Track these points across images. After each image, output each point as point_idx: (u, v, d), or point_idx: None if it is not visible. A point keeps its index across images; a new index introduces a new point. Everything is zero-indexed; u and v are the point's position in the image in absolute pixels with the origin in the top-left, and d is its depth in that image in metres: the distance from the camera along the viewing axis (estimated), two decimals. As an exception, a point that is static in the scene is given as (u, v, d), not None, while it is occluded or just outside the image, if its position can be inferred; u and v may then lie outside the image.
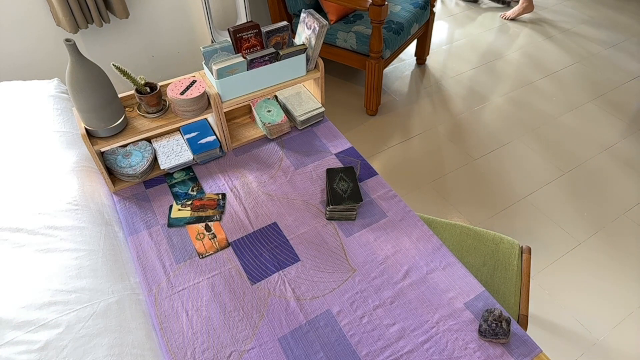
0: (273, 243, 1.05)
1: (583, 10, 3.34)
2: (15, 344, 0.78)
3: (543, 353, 0.86)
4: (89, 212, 1.05)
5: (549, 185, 2.07)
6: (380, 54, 2.21)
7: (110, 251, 1.00)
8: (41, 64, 2.08)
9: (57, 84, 1.45)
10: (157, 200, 1.15)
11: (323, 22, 1.17)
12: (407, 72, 2.81)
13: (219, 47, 1.17)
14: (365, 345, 0.88)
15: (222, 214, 1.12)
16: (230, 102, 1.19)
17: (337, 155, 1.26)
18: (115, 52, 2.24)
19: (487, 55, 2.93)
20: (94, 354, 0.80)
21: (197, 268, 1.01)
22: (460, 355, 0.86)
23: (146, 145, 1.21)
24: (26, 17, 1.94)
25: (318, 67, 1.27)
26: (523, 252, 1.26)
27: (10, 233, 0.94)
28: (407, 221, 1.09)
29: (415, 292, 0.96)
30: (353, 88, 2.68)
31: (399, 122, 2.43)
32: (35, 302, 0.84)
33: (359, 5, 2.07)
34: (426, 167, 2.17)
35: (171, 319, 0.92)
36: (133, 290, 0.95)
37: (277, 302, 0.95)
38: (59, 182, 1.08)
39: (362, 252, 1.03)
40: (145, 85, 1.13)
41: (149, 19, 2.23)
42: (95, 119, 1.05)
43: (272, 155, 1.27)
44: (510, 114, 2.46)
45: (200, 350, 0.87)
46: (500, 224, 1.91)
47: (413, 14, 2.40)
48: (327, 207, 1.09)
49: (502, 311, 0.89)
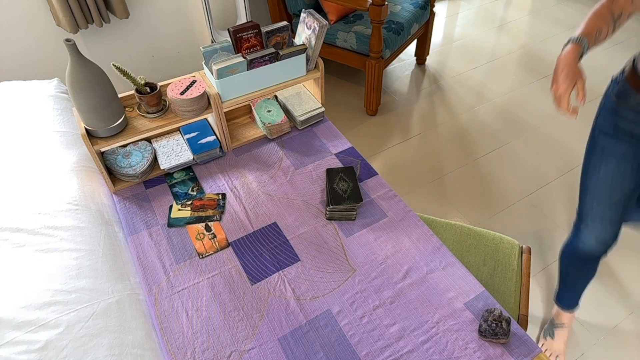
0: (273, 243, 1.05)
1: (583, 10, 3.34)
2: (15, 344, 0.78)
3: (543, 353, 0.86)
4: (89, 212, 1.05)
5: (549, 185, 2.07)
6: (380, 54, 2.21)
7: (110, 251, 1.00)
8: (41, 64, 2.08)
9: (57, 84, 1.45)
10: (157, 200, 1.15)
11: (323, 22, 1.17)
12: (407, 72, 2.81)
13: (219, 47, 1.17)
14: (365, 345, 0.88)
15: (222, 214, 1.12)
16: (230, 102, 1.19)
17: (337, 155, 1.26)
18: (115, 52, 2.24)
19: (487, 55, 2.93)
20: (94, 354, 0.80)
21: (197, 268, 1.01)
22: (460, 355, 0.86)
23: (146, 145, 1.21)
24: (26, 17, 1.94)
25: (318, 67, 1.27)
26: (523, 252, 1.26)
27: (10, 233, 0.94)
28: (407, 221, 1.09)
29: (415, 292, 0.96)
30: (353, 88, 2.68)
31: (399, 122, 2.43)
32: (35, 302, 0.84)
33: (359, 5, 2.07)
34: (426, 167, 2.17)
35: (171, 319, 0.92)
36: (133, 290, 0.95)
37: (277, 302, 0.95)
38: (59, 182, 1.08)
39: (362, 252, 1.03)
40: (145, 85, 1.13)
41: (149, 19, 2.23)
42: (95, 119, 1.05)
43: (272, 155, 1.27)
44: (510, 114, 2.46)
45: (200, 350, 0.87)
46: (500, 224, 1.91)
47: (413, 14, 2.40)
48: (327, 207, 1.09)
49: (502, 311, 0.89)
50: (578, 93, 0.96)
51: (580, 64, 1.00)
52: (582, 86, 0.96)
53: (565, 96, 0.95)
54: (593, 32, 1.02)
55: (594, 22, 1.03)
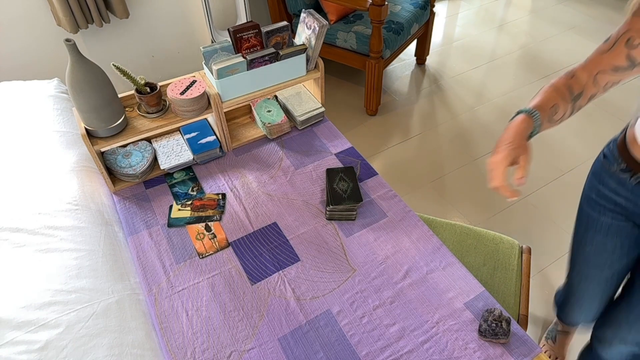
0: (273, 243, 1.05)
1: (583, 10, 3.34)
2: (15, 344, 0.78)
3: (543, 353, 0.86)
4: (89, 212, 1.05)
5: (549, 185, 2.07)
6: (380, 54, 2.21)
7: (110, 251, 1.00)
8: (41, 64, 2.08)
9: (57, 84, 1.45)
10: (157, 200, 1.15)
11: (323, 22, 1.17)
12: (407, 72, 2.81)
13: (219, 47, 1.17)
14: (365, 345, 0.88)
15: (222, 214, 1.12)
16: (230, 102, 1.19)
17: (337, 155, 1.26)
18: (115, 52, 2.24)
19: (487, 55, 2.93)
20: (94, 354, 0.80)
21: (197, 268, 1.01)
22: (460, 355, 0.86)
23: (146, 145, 1.21)
24: (26, 17, 1.94)
25: (318, 67, 1.27)
26: (523, 252, 1.26)
27: (10, 233, 0.94)
28: (407, 221, 1.09)
29: (415, 292, 0.96)
30: (353, 88, 2.68)
31: (399, 122, 2.43)
32: (35, 302, 0.84)
33: (359, 5, 2.07)
34: (426, 167, 2.17)
35: (171, 319, 0.92)
36: (133, 290, 0.95)
37: (277, 302, 0.95)
38: (59, 182, 1.08)
39: (362, 252, 1.03)
40: (145, 85, 1.13)
41: (149, 19, 2.23)
42: (95, 119, 1.05)
43: (272, 155, 1.27)
44: (510, 114, 2.46)
45: (200, 350, 0.87)
46: (500, 224, 1.91)
47: (413, 14, 2.40)
48: (327, 207, 1.09)
49: (502, 311, 0.89)
50: (517, 170, 0.80)
51: (530, 142, 0.84)
52: (524, 163, 0.81)
53: (500, 167, 0.79)
54: (547, 107, 0.87)
55: (550, 95, 0.89)
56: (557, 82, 0.90)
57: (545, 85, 0.91)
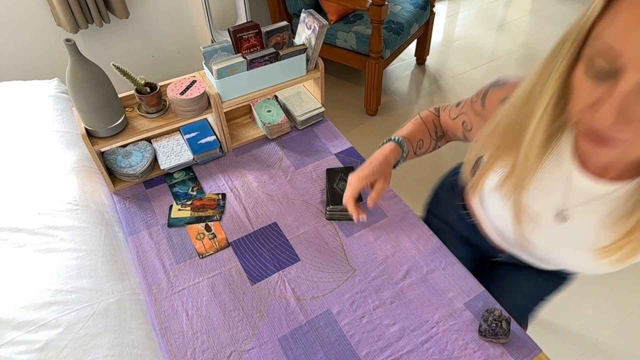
0: (273, 243, 1.05)
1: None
2: (15, 344, 0.78)
3: (543, 353, 0.86)
4: (89, 212, 1.05)
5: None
6: (380, 54, 2.21)
7: (110, 251, 1.00)
8: (41, 64, 2.08)
9: (57, 84, 1.45)
10: (157, 200, 1.15)
11: (323, 22, 1.17)
12: (407, 72, 2.81)
13: (219, 47, 1.17)
14: (365, 345, 0.88)
15: (222, 214, 1.12)
16: (230, 102, 1.19)
17: (337, 155, 1.26)
18: (115, 52, 2.24)
19: (487, 55, 2.93)
20: (94, 354, 0.80)
21: (197, 268, 1.01)
22: (460, 355, 0.86)
23: (146, 145, 1.21)
24: (26, 17, 1.94)
25: (318, 67, 1.27)
26: (523, 252, 1.25)
27: (10, 233, 0.94)
28: (407, 221, 1.09)
29: (415, 292, 0.96)
30: (353, 88, 2.68)
31: (399, 122, 2.43)
32: (35, 302, 0.84)
33: (359, 5, 2.07)
34: (426, 167, 2.17)
35: (171, 319, 0.92)
36: (133, 290, 0.95)
37: (277, 302, 0.95)
38: (59, 182, 1.08)
39: (362, 252, 1.03)
40: (145, 85, 1.13)
41: (149, 19, 2.23)
42: (95, 119, 1.05)
43: (272, 155, 1.27)
44: (510, 114, 2.46)
45: (200, 350, 0.87)
46: (500, 224, 1.91)
47: (413, 14, 2.40)
48: (327, 207, 1.09)
49: (502, 311, 0.89)
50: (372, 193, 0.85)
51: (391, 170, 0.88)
52: (379, 189, 0.85)
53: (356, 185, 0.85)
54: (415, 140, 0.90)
55: (419, 129, 0.92)
56: (427, 118, 0.94)
57: (417, 116, 0.95)
